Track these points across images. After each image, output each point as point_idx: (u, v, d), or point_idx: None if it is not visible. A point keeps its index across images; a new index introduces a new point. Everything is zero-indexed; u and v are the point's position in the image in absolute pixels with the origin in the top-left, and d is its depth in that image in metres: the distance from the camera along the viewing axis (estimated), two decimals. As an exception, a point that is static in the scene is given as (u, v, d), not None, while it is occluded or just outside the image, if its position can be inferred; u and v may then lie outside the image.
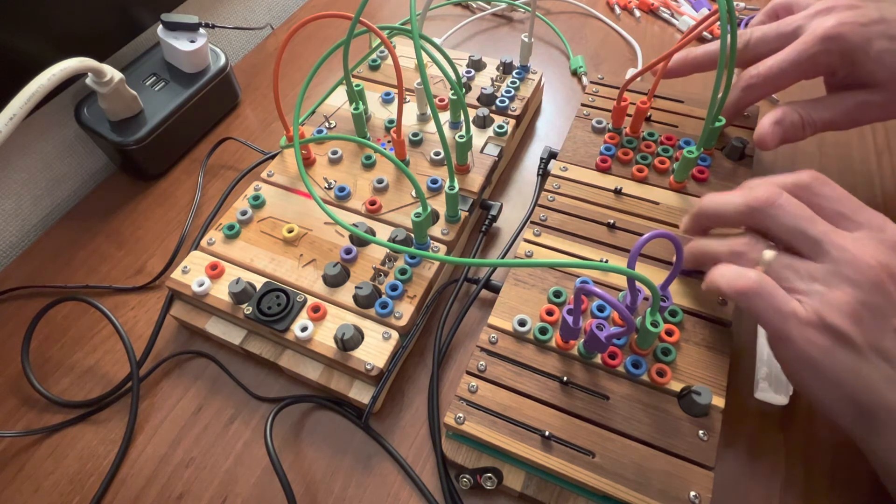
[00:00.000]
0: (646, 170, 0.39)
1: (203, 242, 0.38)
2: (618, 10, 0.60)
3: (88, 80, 0.41)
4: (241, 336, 0.36)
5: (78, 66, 0.38)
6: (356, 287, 0.34)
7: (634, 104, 0.41)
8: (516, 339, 0.32)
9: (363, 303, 0.34)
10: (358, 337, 0.33)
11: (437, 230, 0.38)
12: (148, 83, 0.48)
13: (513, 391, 0.31)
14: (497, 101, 0.45)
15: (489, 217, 0.41)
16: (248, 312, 0.34)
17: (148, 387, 0.37)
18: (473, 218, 0.42)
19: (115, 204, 0.47)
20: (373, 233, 0.38)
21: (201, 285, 0.36)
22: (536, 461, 0.28)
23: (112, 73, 0.42)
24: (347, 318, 0.34)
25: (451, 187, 0.36)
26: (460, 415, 0.30)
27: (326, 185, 0.41)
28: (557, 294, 0.33)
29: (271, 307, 0.34)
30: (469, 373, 0.31)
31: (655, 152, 0.40)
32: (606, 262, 0.35)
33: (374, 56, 0.50)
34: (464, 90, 0.46)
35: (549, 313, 0.33)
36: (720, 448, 0.30)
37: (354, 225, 0.37)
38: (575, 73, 0.54)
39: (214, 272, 0.36)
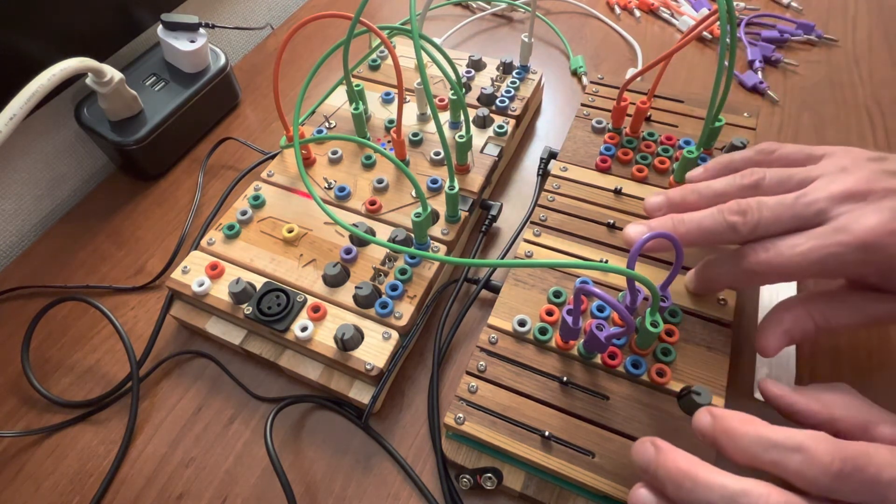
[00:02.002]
0: (646, 170, 0.39)
1: (203, 242, 0.38)
2: (618, 10, 0.60)
3: (88, 80, 0.41)
4: (241, 336, 0.36)
5: (78, 66, 0.38)
6: (356, 287, 0.34)
7: (634, 104, 0.41)
8: (516, 340, 0.32)
9: (363, 303, 0.34)
10: (358, 337, 0.33)
11: (437, 230, 0.38)
12: (148, 83, 0.48)
13: (513, 391, 0.31)
14: (497, 101, 0.45)
15: (489, 217, 0.41)
16: (248, 312, 0.34)
17: (148, 387, 0.37)
18: (473, 218, 0.42)
19: (115, 204, 0.47)
20: (373, 233, 0.38)
21: (201, 285, 0.36)
22: (536, 461, 0.28)
23: (112, 73, 0.42)
24: (347, 318, 0.34)
25: (451, 187, 0.36)
26: (460, 415, 0.30)
27: (326, 185, 0.41)
28: (557, 294, 0.33)
29: (271, 307, 0.34)
30: (469, 373, 0.31)
31: (655, 152, 0.40)
32: (606, 262, 0.35)
33: (374, 56, 0.50)
34: (464, 90, 0.46)
35: (549, 313, 0.33)
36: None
37: (354, 225, 0.37)
38: (575, 73, 0.54)
39: (214, 272, 0.36)
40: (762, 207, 0.28)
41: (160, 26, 0.47)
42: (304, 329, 0.33)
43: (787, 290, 0.36)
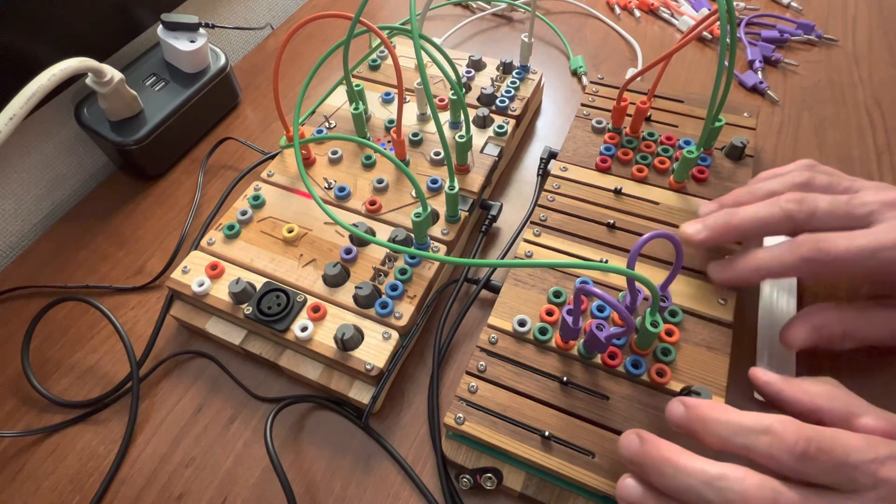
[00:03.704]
0: (646, 170, 0.39)
1: (203, 242, 0.38)
2: (618, 10, 0.60)
3: (88, 80, 0.41)
4: (241, 336, 0.36)
5: (78, 66, 0.38)
6: (356, 287, 0.34)
7: (634, 104, 0.41)
8: (516, 340, 0.32)
9: (363, 303, 0.34)
10: (358, 337, 0.33)
11: (437, 230, 0.38)
12: (148, 83, 0.48)
13: (513, 391, 0.31)
14: (497, 101, 0.45)
15: (489, 217, 0.41)
16: (248, 312, 0.34)
17: (148, 387, 0.37)
18: (473, 218, 0.42)
19: (115, 204, 0.47)
20: (373, 233, 0.38)
21: (201, 285, 0.36)
22: (536, 461, 0.28)
23: (112, 73, 0.42)
24: (347, 318, 0.34)
25: (451, 187, 0.36)
26: (460, 415, 0.30)
27: (326, 185, 0.41)
28: (557, 294, 0.33)
29: (271, 307, 0.34)
30: (469, 373, 0.31)
31: (655, 152, 0.40)
32: (606, 262, 0.35)
33: (374, 56, 0.50)
34: (464, 90, 0.46)
35: (549, 313, 0.33)
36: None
37: (354, 225, 0.37)
38: (575, 73, 0.54)
39: (214, 272, 0.36)
40: (818, 199, 0.29)
41: (160, 26, 0.47)
42: (304, 329, 0.33)
43: (788, 291, 0.36)
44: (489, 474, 0.30)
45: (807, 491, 0.22)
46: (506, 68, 0.48)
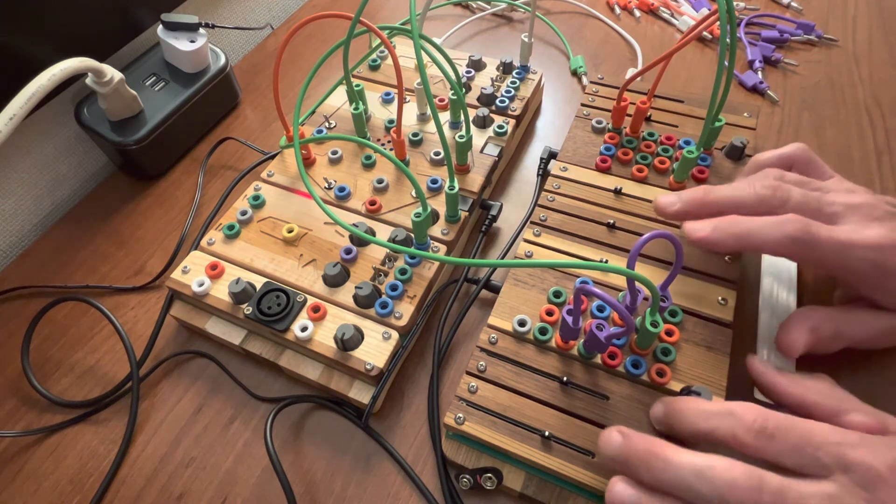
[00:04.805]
0: (646, 170, 0.39)
1: (203, 242, 0.39)
2: (618, 10, 0.60)
3: (88, 80, 0.41)
4: (241, 336, 0.36)
5: (78, 66, 0.38)
6: (356, 287, 0.34)
7: (634, 104, 0.41)
8: (516, 340, 0.32)
9: (363, 303, 0.34)
10: (358, 337, 0.33)
11: (437, 230, 0.38)
12: (148, 83, 0.48)
13: (513, 391, 0.31)
14: (497, 101, 0.45)
15: (489, 217, 0.41)
16: (248, 312, 0.34)
17: (148, 387, 0.37)
18: (473, 218, 0.42)
19: (115, 204, 0.47)
20: (373, 233, 0.38)
21: (201, 285, 0.36)
22: (536, 461, 0.28)
23: (112, 73, 0.42)
24: (347, 318, 0.34)
25: (451, 187, 0.36)
26: (460, 415, 0.30)
27: (326, 185, 0.41)
28: (557, 294, 0.33)
29: (271, 307, 0.34)
30: (469, 373, 0.31)
31: (655, 152, 0.40)
32: (606, 262, 0.35)
33: (374, 56, 0.50)
34: (464, 90, 0.46)
35: (549, 313, 0.33)
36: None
37: (354, 225, 0.37)
38: (575, 73, 0.54)
39: (214, 272, 0.36)
40: (791, 190, 0.30)
41: (160, 26, 0.47)
42: (304, 329, 0.33)
43: (788, 287, 0.36)
44: (489, 474, 0.30)
45: (789, 478, 0.22)
46: (506, 68, 0.48)
